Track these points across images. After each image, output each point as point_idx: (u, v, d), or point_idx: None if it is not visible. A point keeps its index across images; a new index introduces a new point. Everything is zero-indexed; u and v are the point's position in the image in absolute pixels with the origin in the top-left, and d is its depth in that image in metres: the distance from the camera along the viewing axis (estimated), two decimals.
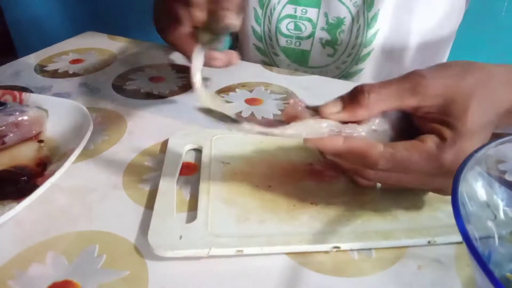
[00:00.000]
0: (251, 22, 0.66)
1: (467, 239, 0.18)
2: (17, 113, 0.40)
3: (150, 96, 0.53)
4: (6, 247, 0.31)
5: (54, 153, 0.39)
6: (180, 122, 0.47)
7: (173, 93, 0.53)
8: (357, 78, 0.65)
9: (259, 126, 0.30)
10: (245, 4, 0.64)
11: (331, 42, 0.63)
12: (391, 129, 0.31)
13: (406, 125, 0.31)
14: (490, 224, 0.25)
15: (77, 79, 0.57)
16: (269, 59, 0.69)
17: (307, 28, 0.63)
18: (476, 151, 0.23)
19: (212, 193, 0.35)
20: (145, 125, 0.46)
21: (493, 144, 0.24)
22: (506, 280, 0.24)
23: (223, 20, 0.32)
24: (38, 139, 0.41)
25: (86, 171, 0.39)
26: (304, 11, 0.62)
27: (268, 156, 0.39)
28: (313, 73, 0.63)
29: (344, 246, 0.30)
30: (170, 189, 0.35)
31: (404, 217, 0.33)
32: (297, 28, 0.64)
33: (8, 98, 0.44)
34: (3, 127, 0.39)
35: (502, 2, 0.95)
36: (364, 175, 0.31)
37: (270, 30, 0.65)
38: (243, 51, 0.71)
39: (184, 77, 0.58)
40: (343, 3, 0.60)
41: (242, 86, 0.55)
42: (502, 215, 0.25)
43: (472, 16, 0.68)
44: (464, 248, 0.18)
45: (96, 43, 0.70)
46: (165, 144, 0.41)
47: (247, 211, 0.33)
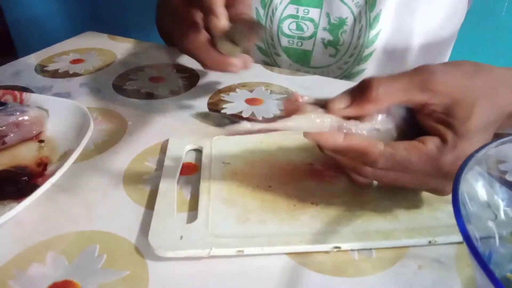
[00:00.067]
0: None
1: (468, 239, 0.18)
2: (17, 113, 0.40)
3: (150, 96, 0.53)
4: (6, 247, 0.31)
5: (54, 153, 0.39)
6: (180, 122, 0.47)
7: (173, 93, 0.53)
8: (359, 78, 0.65)
9: (259, 123, 0.30)
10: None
11: (333, 43, 0.63)
12: (394, 128, 0.31)
13: (409, 126, 0.31)
14: (491, 224, 0.25)
15: (77, 79, 0.57)
16: (270, 59, 0.69)
17: (309, 28, 0.63)
18: (477, 151, 0.23)
19: (212, 193, 0.35)
20: (145, 125, 0.46)
21: (493, 144, 0.24)
22: (507, 280, 0.24)
23: (242, 24, 0.32)
24: (39, 139, 0.41)
25: (86, 171, 0.39)
26: (306, 11, 0.62)
27: (268, 156, 0.39)
28: (314, 73, 0.62)
29: (344, 246, 0.30)
30: (171, 189, 0.35)
31: (405, 217, 0.33)
32: (299, 28, 0.64)
33: (8, 98, 0.44)
34: (4, 127, 0.39)
35: (502, 2, 0.95)
36: (362, 172, 0.31)
37: (271, 30, 0.65)
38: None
39: (184, 77, 0.58)
40: (345, 4, 0.60)
41: (243, 86, 0.55)
42: (502, 215, 0.25)
43: (472, 16, 0.68)
44: (465, 248, 0.18)
45: (96, 43, 0.70)
46: (165, 144, 0.41)
47: (248, 211, 0.33)
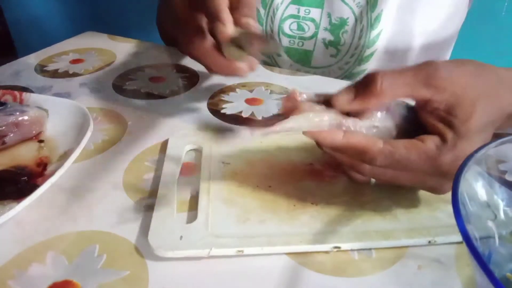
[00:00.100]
0: None
1: (467, 239, 0.18)
2: (17, 113, 0.40)
3: (150, 96, 0.53)
4: (6, 247, 0.31)
5: (54, 153, 0.39)
6: (180, 122, 0.47)
7: (173, 93, 0.53)
8: None
9: (258, 129, 0.29)
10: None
11: (334, 43, 0.63)
12: (393, 126, 0.31)
13: (409, 124, 0.31)
14: (490, 224, 0.25)
15: (77, 79, 0.57)
16: (271, 59, 0.69)
17: (310, 28, 0.63)
18: (476, 151, 0.23)
19: (212, 193, 0.35)
20: (145, 125, 0.46)
21: (493, 144, 0.24)
22: (507, 280, 0.24)
23: (250, 34, 0.32)
24: (38, 139, 0.41)
25: (86, 171, 0.39)
26: (307, 11, 0.62)
27: (268, 156, 0.39)
28: (315, 73, 0.62)
29: (344, 246, 0.30)
30: (171, 189, 0.35)
31: (404, 217, 0.33)
32: (300, 28, 0.63)
33: (8, 98, 0.44)
34: (3, 127, 0.39)
35: (502, 2, 0.95)
36: (360, 169, 0.31)
37: (272, 30, 0.65)
38: None
39: (184, 77, 0.58)
40: (346, 4, 0.60)
41: (243, 86, 0.55)
42: (502, 215, 0.25)
43: (473, 16, 0.68)
44: (464, 248, 0.18)
45: (96, 43, 0.70)
46: (165, 144, 0.41)
47: (248, 211, 0.33)
